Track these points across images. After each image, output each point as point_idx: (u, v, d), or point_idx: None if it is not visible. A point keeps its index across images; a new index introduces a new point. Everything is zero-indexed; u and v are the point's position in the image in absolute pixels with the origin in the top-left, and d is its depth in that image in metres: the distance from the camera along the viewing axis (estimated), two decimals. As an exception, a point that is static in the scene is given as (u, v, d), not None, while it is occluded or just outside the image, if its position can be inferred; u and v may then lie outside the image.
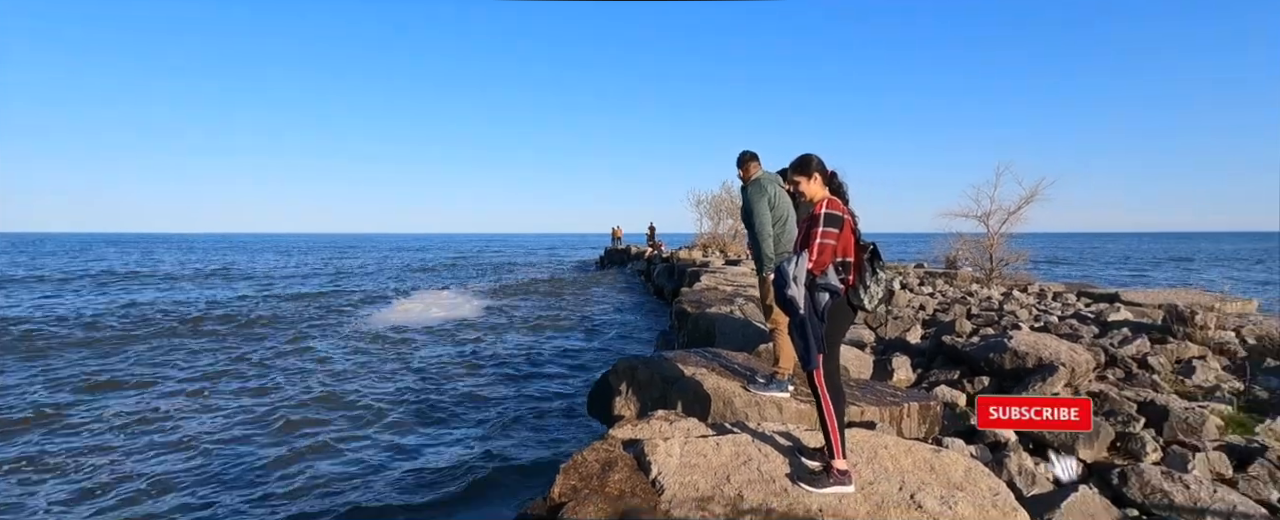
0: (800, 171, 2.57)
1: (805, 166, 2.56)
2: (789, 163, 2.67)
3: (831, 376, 2.45)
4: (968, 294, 10.36)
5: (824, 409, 2.43)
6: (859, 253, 2.45)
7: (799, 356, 2.49)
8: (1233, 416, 4.19)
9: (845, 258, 2.42)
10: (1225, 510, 3.07)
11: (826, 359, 2.43)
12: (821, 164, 2.56)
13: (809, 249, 2.38)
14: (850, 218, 2.46)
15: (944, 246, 14.11)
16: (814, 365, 2.40)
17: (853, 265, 2.44)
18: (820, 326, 2.38)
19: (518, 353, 10.13)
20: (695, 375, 3.77)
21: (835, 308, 2.41)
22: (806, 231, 2.45)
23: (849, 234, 2.44)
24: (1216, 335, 6.25)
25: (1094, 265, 33.98)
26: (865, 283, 2.42)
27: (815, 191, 2.55)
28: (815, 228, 2.39)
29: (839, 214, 2.40)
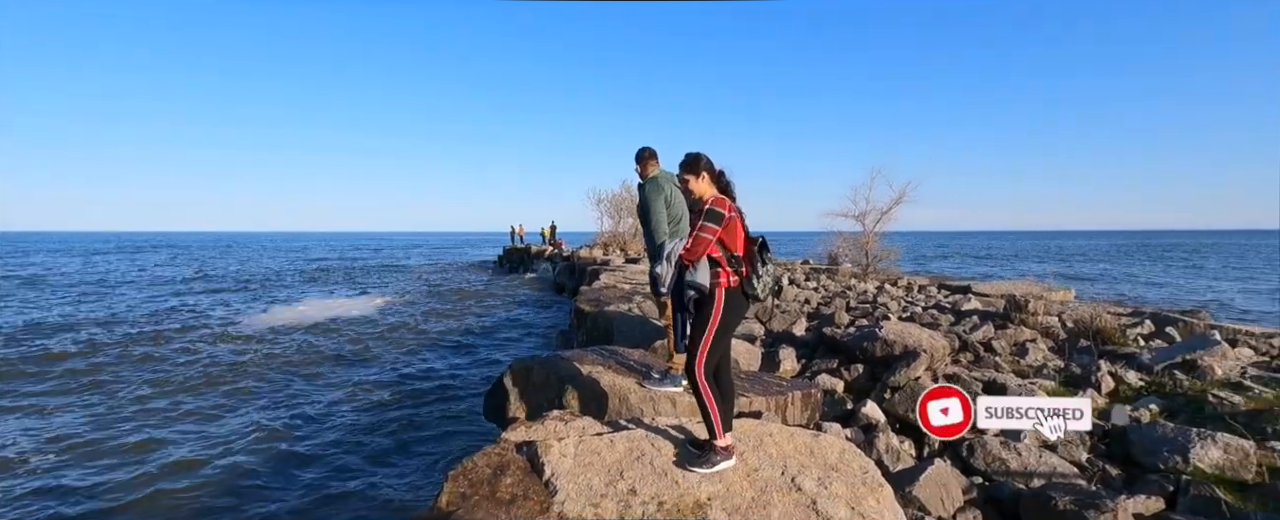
0: (688, 170, 2.65)
1: (693, 165, 2.65)
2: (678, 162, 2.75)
3: (709, 365, 2.56)
4: (847, 288, 11.21)
5: (702, 393, 2.55)
6: (749, 246, 2.57)
7: (686, 345, 2.61)
8: (1055, 390, 4.86)
9: (736, 252, 2.54)
10: (1048, 471, 3.56)
11: (712, 346, 2.53)
12: (709, 163, 2.65)
13: (687, 239, 2.50)
14: (737, 215, 2.57)
15: (827, 244, 15.18)
16: (696, 353, 2.53)
17: (744, 258, 2.56)
18: (711, 319, 2.51)
19: (411, 358, 9.63)
20: (591, 373, 3.77)
21: (732, 298, 2.54)
22: (692, 225, 2.56)
23: (738, 229, 2.56)
24: (1044, 320, 7.23)
25: (956, 260, 38.12)
26: (757, 272, 2.55)
27: (703, 190, 2.64)
28: (699, 222, 2.49)
29: (722, 211, 2.50)
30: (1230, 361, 5.32)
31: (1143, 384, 4.98)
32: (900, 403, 4.40)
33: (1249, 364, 5.45)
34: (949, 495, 3.10)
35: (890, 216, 13.71)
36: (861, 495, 2.54)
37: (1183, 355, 5.36)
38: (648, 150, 3.86)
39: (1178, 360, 5.32)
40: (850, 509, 2.42)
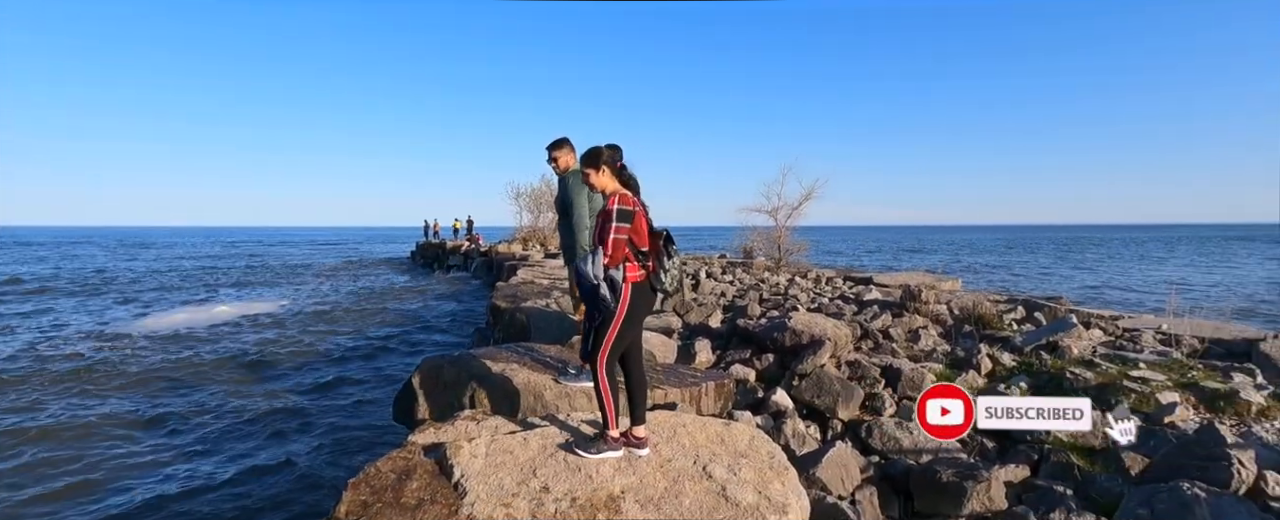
0: (589, 164, 2.63)
1: (594, 159, 2.63)
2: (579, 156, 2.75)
3: (611, 360, 2.59)
4: (761, 281, 11.65)
5: (600, 385, 2.59)
6: (654, 240, 2.60)
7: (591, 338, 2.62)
8: (942, 373, 5.29)
9: (642, 247, 2.55)
10: (935, 448, 3.86)
11: (617, 340, 2.56)
12: (611, 156, 2.64)
13: (603, 245, 2.47)
14: (641, 209, 2.58)
15: (742, 239, 15.71)
16: (600, 347, 2.55)
17: (650, 253, 2.58)
18: (618, 314, 2.52)
19: (317, 361, 9.03)
20: (505, 371, 3.68)
21: (639, 292, 2.56)
22: (601, 227, 2.53)
23: (643, 224, 2.57)
24: (935, 309, 7.85)
25: (861, 254, 40.65)
26: (663, 266, 2.59)
27: (606, 184, 2.62)
28: (609, 224, 2.47)
29: (629, 208, 2.50)
30: (1084, 342, 6.01)
31: (1015, 364, 5.52)
32: (807, 389, 4.62)
33: (1099, 344, 6.19)
34: (848, 475, 3.30)
35: (800, 212, 14.42)
36: (768, 479, 2.65)
37: (1047, 337, 6.00)
38: (566, 140, 3.79)
39: (1043, 342, 5.94)
40: (757, 493, 2.52)
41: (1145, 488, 3.04)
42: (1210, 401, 4.34)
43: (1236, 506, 2.76)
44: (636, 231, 2.53)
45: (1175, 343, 6.01)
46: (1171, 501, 2.81)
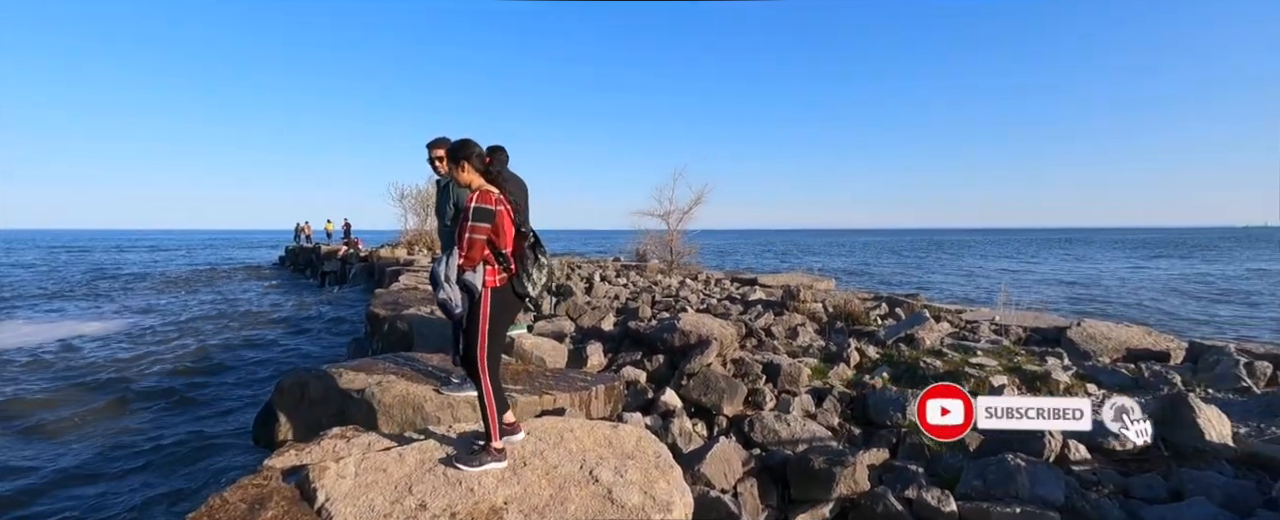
0: (453, 158, 2.53)
1: (457, 153, 2.52)
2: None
3: (493, 366, 2.51)
4: (654, 283, 11.88)
5: (484, 396, 2.49)
6: (520, 242, 2.53)
7: (462, 349, 2.52)
8: (817, 367, 5.68)
9: (504, 249, 2.47)
10: (809, 437, 4.12)
11: (491, 349, 2.47)
12: (476, 151, 2.54)
13: (459, 245, 2.38)
14: (507, 208, 2.50)
15: (636, 242, 15.94)
16: (475, 357, 2.45)
17: (513, 255, 2.51)
18: (480, 321, 2.42)
19: (163, 384, 7.93)
20: (381, 383, 3.45)
21: (500, 297, 2.48)
22: (459, 226, 2.43)
23: (508, 225, 2.49)
24: (811, 307, 8.42)
25: (750, 255, 42.78)
26: (527, 271, 2.51)
27: (470, 180, 2.52)
28: (466, 222, 2.37)
29: (490, 207, 2.40)
30: (935, 334, 6.72)
31: (879, 356, 6.06)
32: (694, 388, 4.76)
33: (946, 335, 6.95)
34: (731, 468, 3.43)
35: (691, 216, 14.88)
36: (654, 479, 2.69)
37: (905, 331, 6.64)
38: (448, 140, 3.63)
39: (902, 335, 6.57)
40: (643, 493, 2.55)
41: (980, 461, 3.45)
42: (1030, 382, 5.03)
43: (1048, 472, 3.20)
44: (498, 232, 2.44)
45: (1005, 332, 6.90)
46: (999, 471, 3.21)
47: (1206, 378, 5.11)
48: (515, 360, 4.68)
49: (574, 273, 12.90)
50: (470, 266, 2.39)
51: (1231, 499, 3.00)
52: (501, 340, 2.61)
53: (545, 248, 2.63)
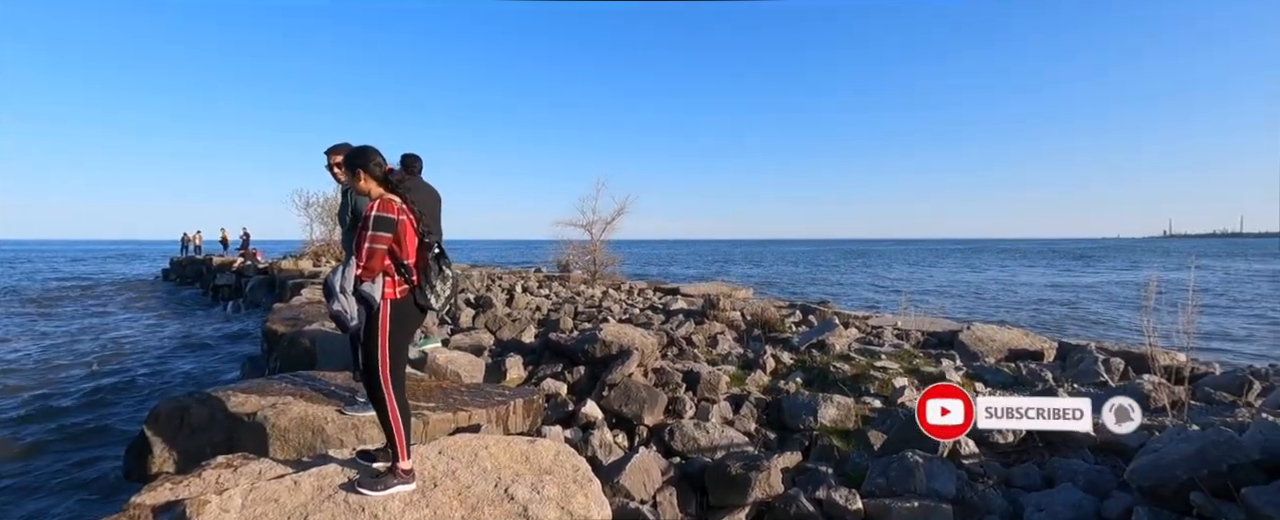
0: (349, 166, 2.42)
1: (355, 160, 2.42)
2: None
3: (397, 382, 2.39)
4: (577, 294, 11.79)
5: (389, 414, 2.37)
6: (423, 253, 2.44)
7: (362, 364, 2.39)
8: (735, 374, 5.83)
9: (406, 260, 2.38)
10: (728, 444, 4.21)
11: (392, 364, 2.36)
12: (375, 159, 2.42)
13: (357, 255, 2.26)
14: (410, 217, 2.41)
15: (558, 252, 15.78)
16: (376, 372, 2.33)
17: (416, 266, 2.42)
18: (379, 335, 2.31)
19: (24, 416, 6.93)
20: (277, 405, 3.19)
21: (399, 310, 2.37)
22: (357, 235, 2.32)
23: (411, 235, 2.40)
24: (730, 315, 8.64)
25: (676, 265, 43.47)
26: (431, 283, 2.43)
27: (369, 188, 2.42)
28: (366, 231, 2.27)
29: (391, 216, 2.31)
30: (844, 339, 7.08)
31: (793, 362, 6.30)
32: (615, 399, 4.74)
33: (855, 340, 7.35)
34: (650, 479, 3.44)
35: (614, 226, 14.93)
36: (572, 494, 2.65)
37: (817, 337, 6.96)
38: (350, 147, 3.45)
39: (814, 341, 6.88)
40: (560, 509, 2.50)
41: (882, 459, 3.65)
42: (926, 382, 5.39)
43: (942, 467, 3.44)
44: (400, 242, 2.34)
45: (906, 336, 7.39)
46: (900, 468, 3.41)
47: (1073, 374, 5.70)
48: (429, 376, 4.49)
49: (495, 284, 12.59)
50: (369, 277, 2.27)
51: (1092, 483, 3.34)
52: (404, 354, 2.49)
53: (450, 260, 2.54)
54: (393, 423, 2.41)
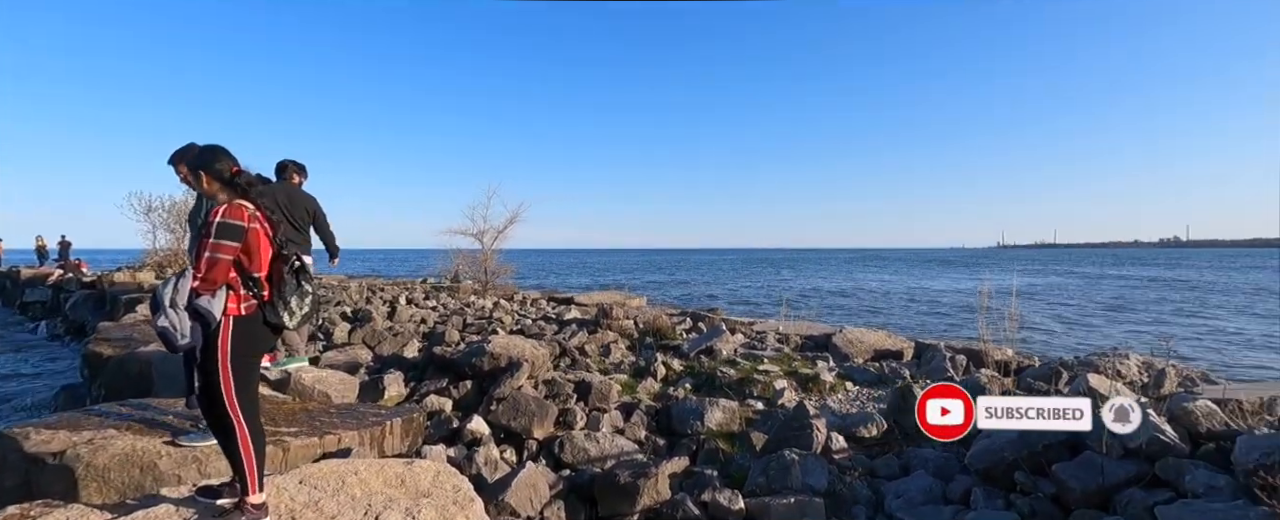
0: (191, 168, 2.17)
1: (194, 162, 2.17)
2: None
3: (247, 406, 2.15)
4: (466, 305, 11.32)
5: (238, 442, 2.12)
6: (278, 265, 2.22)
7: (200, 388, 2.12)
8: (627, 382, 5.87)
9: (255, 272, 2.15)
10: (618, 453, 4.22)
11: (238, 386, 2.12)
12: (220, 160, 2.18)
13: (197, 264, 2.02)
14: (264, 226, 2.20)
15: (447, 261, 15.10)
16: (219, 396, 2.08)
17: (268, 280, 2.20)
18: (218, 355, 2.07)
19: None
20: (94, 441, 2.74)
21: (244, 328, 2.13)
22: (198, 243, 2.07)
23: (264, 245, 2.18)
24: (624, 324, 8.71)
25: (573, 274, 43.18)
26: (285, 298, 2.19)
27: (215, 193, 2.17)
28: (206, 239, 2.03)
29: (239, 223, 2.08)
30: (731, 345, 7.39)
31: (683, 368, 6.46)
32: (504, 413, 4.60)
33: (741, 345, 7.69)
34: (537, 494, 3.36)
35: (506, 235, 14.55)
36: (452, 515, 2.51)
37: (706, 343, 7.20)
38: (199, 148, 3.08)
39: (703, 347, 7.11)
40: (437, 534, 2.36)
41: (763, 459, 3.84)
42: (804, 384, 5.77)
43: (816, 462, 3.67)
44: (250, 252, 2.12)
45: (786, 340, 7.85)
46: (778, 466, 3.60)
47: (926, 370, 6.34)
48: (293, 398, 4.09)
49: (375, 296, 11.78)
50: (207, 290, 2.01)
51: (940, 469, 3.73)
52: (253, 375, 2.23)
53: (311, 273, 2.32)
54: (243, 452, 2.15)
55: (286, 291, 2.21)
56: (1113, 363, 5.71)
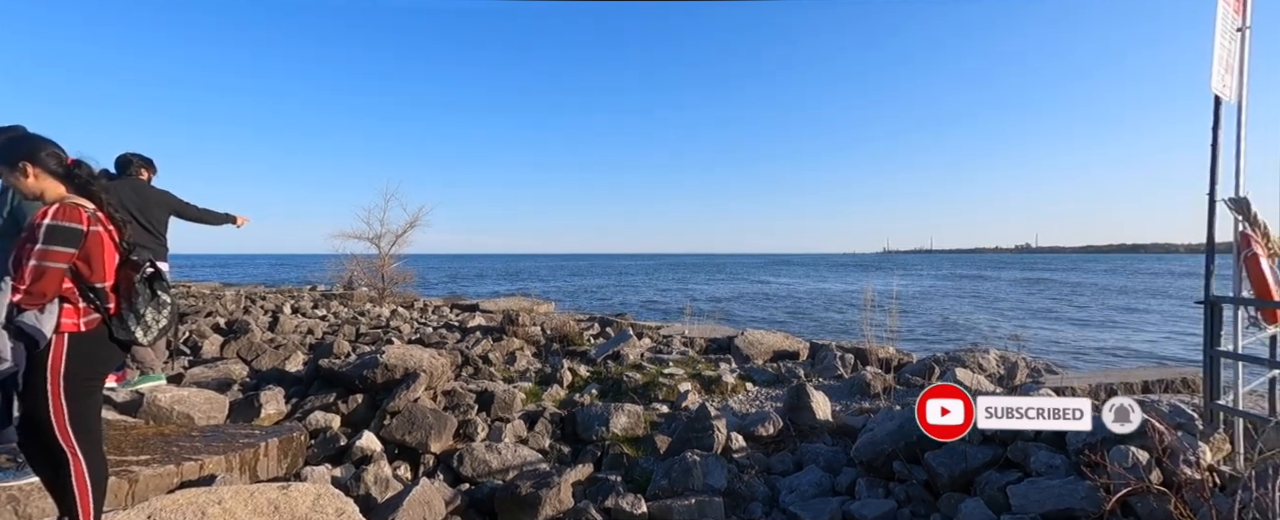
0: (5, 161, 1.88)
1: (11, 153, 1.88)
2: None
3: (84, 435, 1.89)
4: (360, 314, 10.64)
5: (72, 476, 1.86)
6: (127, 273, 1.97)
7: (24, 416, 1.84)
8: (532, 390, 5.75)
9: (98, 283, 1.91)
10: (520, 463, 4.11)
11: (73, 414, 1.86)
12: (47, 149, 1.91)
13: (19, 275, 1.75)
14: (109, 229, 1.95)
15: (340, 268, 14.13)
16: (49, 425, 1.82)
17: (114, 291, 1.95)
18: (48, 378, 1.81)
19: None
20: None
21: (85, 346, 1.87)
22: (19, 250, 1.79)
23: (109, 251, 1.93)
24: (531, 330, 8.54)
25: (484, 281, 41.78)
26: (137, 311, 1.94)
27: (43, 189, 1.90)
28: (33, 245, 1.76)
29: (76, 226, 1.83)
30: (638, 349, 7.45)
31: (589, 374, 6.43)
32: (398, 427, 4.34)
33: (647, 349, 7.78)
34: (432, 511, 3.19)
35: (405, 240, 13.85)
36: (332, 542, 2.33)
37: (613, 349, 7.21)
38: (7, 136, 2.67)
39: (610, 352, 7.12)
40: (314, 563, 2.18)
41: (666, 461, 3.89)
42: (707, 386, 5.93)
43: (716, 462, 3.77)
44: (91, 260, 1.87)
45: (691, 344, 8.04)
46: (680, 469, 3.66)
47: (820, 369, 6.73)
48: (147, 422, 3.64)
49: (254, 305, 10.79)
50: (34, 304, 1.74)
51: (829, 463, 3.96)
52: (94, 399, 1.96)
53: (167, 281, 2.08)
54: (77, 488, 1.87)
55: (139, 303, 1.96)
56: (976, 357, 6.35)
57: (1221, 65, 3.17)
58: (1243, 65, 3.27)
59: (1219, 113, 3.15)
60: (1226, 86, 3.19)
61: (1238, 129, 3.26)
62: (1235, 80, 3.25)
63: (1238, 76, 3.26)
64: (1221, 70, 3.16)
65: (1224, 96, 3.17)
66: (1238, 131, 3.26)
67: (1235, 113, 3.26)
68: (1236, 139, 3.26)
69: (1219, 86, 3.14)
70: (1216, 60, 3.14)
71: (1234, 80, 3.25)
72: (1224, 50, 3.20)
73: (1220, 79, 3.15)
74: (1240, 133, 3.26)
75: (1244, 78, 3.28)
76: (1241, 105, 3.27)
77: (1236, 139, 3.26)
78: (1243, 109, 3.27)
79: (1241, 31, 3.30)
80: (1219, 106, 3.15)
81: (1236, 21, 3.29)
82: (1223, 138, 3.17)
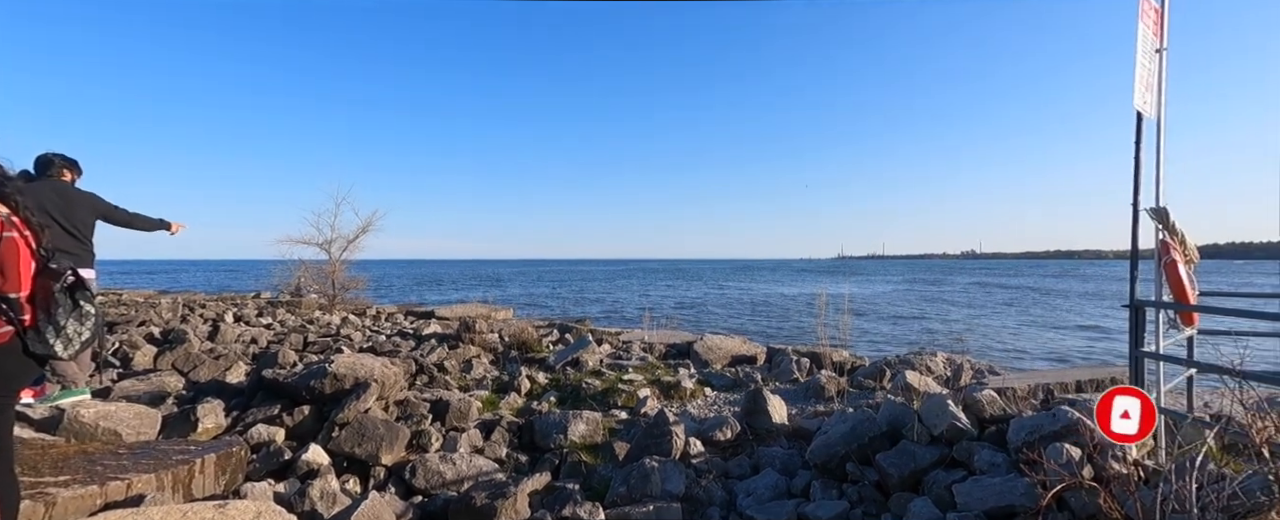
0: None
1: None
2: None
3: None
4: (309, 322, 10.25)
5: None
6: (45, 282, 1.85)
7: None
8: (488, 398, 5.65)
9: (12, 292, 1.78)
10: (476, 473, 4.02)
11: None
12: None
13: None
14: (25, 234, 1.83)
15: (288, 274, 13.58)
16: None
17: (30, 301, 1.82)
18: None
19: None
20: None
21: (1, 359, 1.75)
22: None
23: (23, 257, 1.81)
24: (488, 338, 8.39)
25: (442, 287, 40.82)
26: (56, 322, 1.82)
27: None
28: None
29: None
30: (597, 355, 7.42)
31: (548, 381, 6.36)
32: (347, 439, 4.19)
33: (607, 355, 7.75)
34: (382, 526, 3.09)
35: (357, 245, 13.42)
36: (272, 563, 2.22)
37: (572, 355, 7.16)
38: None
39: (570, 359, 7.06)
40: (252, 586, 2.07)
41: (625, 468, 3.87)
42: (666, 391, 5.94)
43: (674, 468, 3.78)
44: (1, 268, 1.76)
45: (650, 349, 8.05)
46: (638, 475, 3.65)
47: (776, 373, 6.84)
48: (68, 439, 3.40)
49: (193, 314, 10.26)
50: None
51: (785, 465, 4.02)
52: (2, 418, 1.82)
53: (91, 290, 1.95)
54: None
55: (58, 314, 1.83)
56: (924, 360, 6.57)
57: (1142, 84, 3.39)
58: (1161, 84, 3.51)
59: (1141, 128, 3.36)
60: (1147, 103, 3.41)
61: (1157, 143, 3.49)
62: (1155, 98, 3.48)
63: (1157, 94, 3.49)
64: (1142, 89, 3.38)
65: (1145, 113, 3.38)
66: (1157, 145, 3.49)
67: (1155, 128, 3.49)
68: (1156, 152, 3.49)
69: (1141, 103, 3.35)
70: (1138, 79, 3.35)
71: (1154, 98, 3.48)
72: (1145, 70, 3.42)
73: (1141, 96, 3.36)
74: (1160, 146, 3.49)
75: (1162, 95, 3.51)
76: (1160, 121, 3.50)
77: (1156, 152, 3.49)
78: (1161, 124, 3.50)
79: (1160, 53, 3.54)
80: (1141, 122, 3.36)
81: (1155, 43, 3.52)
82: (1144, 151, 3.38)
